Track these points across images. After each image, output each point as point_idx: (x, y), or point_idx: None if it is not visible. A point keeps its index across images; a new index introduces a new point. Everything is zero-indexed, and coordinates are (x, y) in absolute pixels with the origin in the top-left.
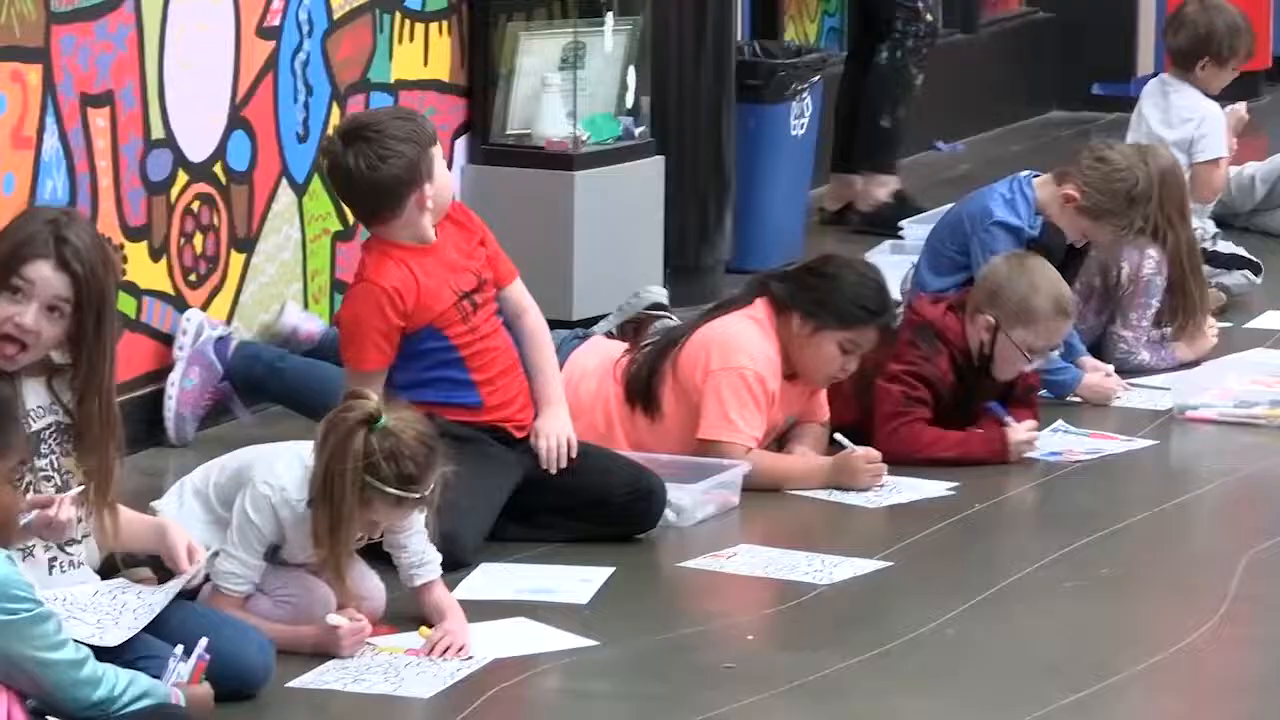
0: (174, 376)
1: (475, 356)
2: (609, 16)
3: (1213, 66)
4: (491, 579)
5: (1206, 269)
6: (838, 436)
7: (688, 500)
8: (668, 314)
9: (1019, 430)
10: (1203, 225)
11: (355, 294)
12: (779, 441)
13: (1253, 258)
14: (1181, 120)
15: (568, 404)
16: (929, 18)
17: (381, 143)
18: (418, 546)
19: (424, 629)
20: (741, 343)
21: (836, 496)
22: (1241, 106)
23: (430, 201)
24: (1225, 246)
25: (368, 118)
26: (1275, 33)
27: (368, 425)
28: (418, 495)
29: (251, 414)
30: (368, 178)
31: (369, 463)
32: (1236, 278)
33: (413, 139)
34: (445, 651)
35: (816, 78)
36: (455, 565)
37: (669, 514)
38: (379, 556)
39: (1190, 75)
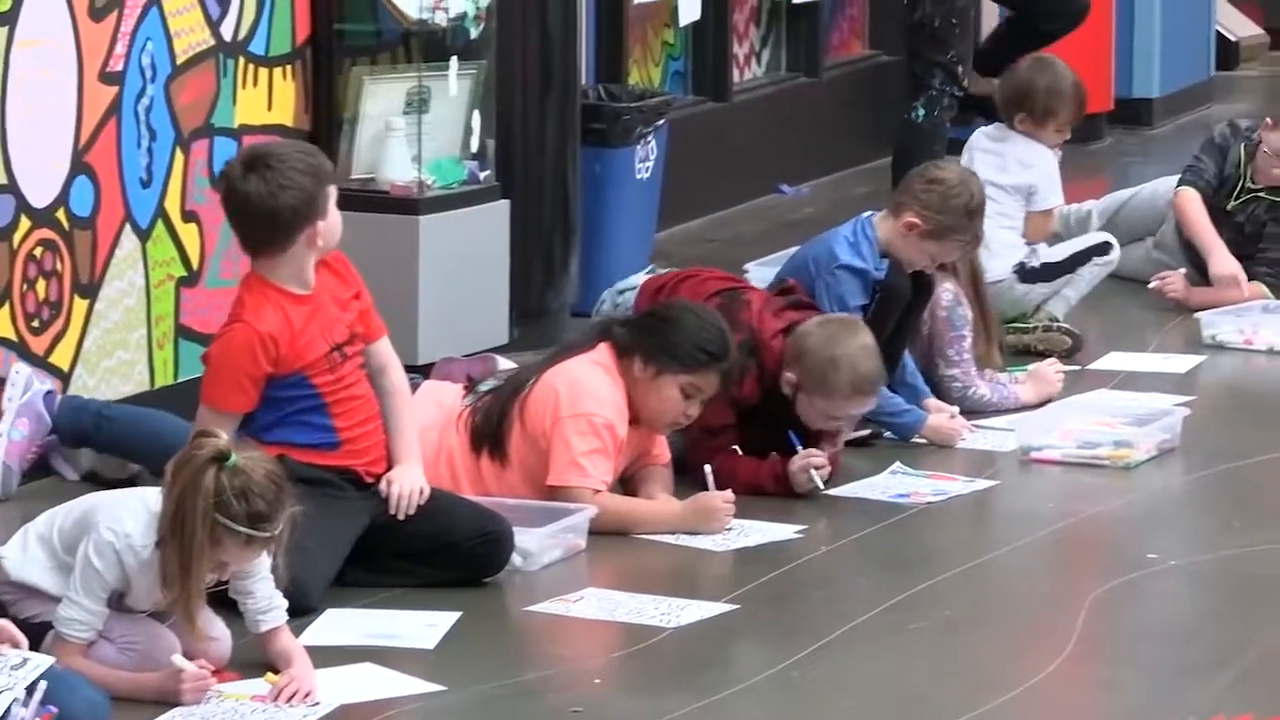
0: (2, 427)
1: (338, 404)
2: (453, 61)
3: (1030, 123)
4: (338, 624)
5: (1045, 288)
6: (705, 470)
7: (534, 544)
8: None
9: (794, 461)
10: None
11: (229, 334)
12: (621, 484)
13: (1098, 239)
14: (1022, 167)
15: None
16: (965, 81)
17: (283, 172)
18: (264, 592)
19: (270, 675)
20: (589, 389)
21: (684, 540)
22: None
23: (321, 240)
24: (1060, 249)
25: (271, 147)
26: (1117, 75)
27: (218, 463)
28: (267, 534)
29: (74, 471)
30: (265, 204)
31: (219, 500)
32: (1089, 273)
33: (313, 173)
34: (291, 698)
35: (661, 121)
36: (302, 611)
37: (515, 558)
38: (225, 604)
39: (1012, 126)
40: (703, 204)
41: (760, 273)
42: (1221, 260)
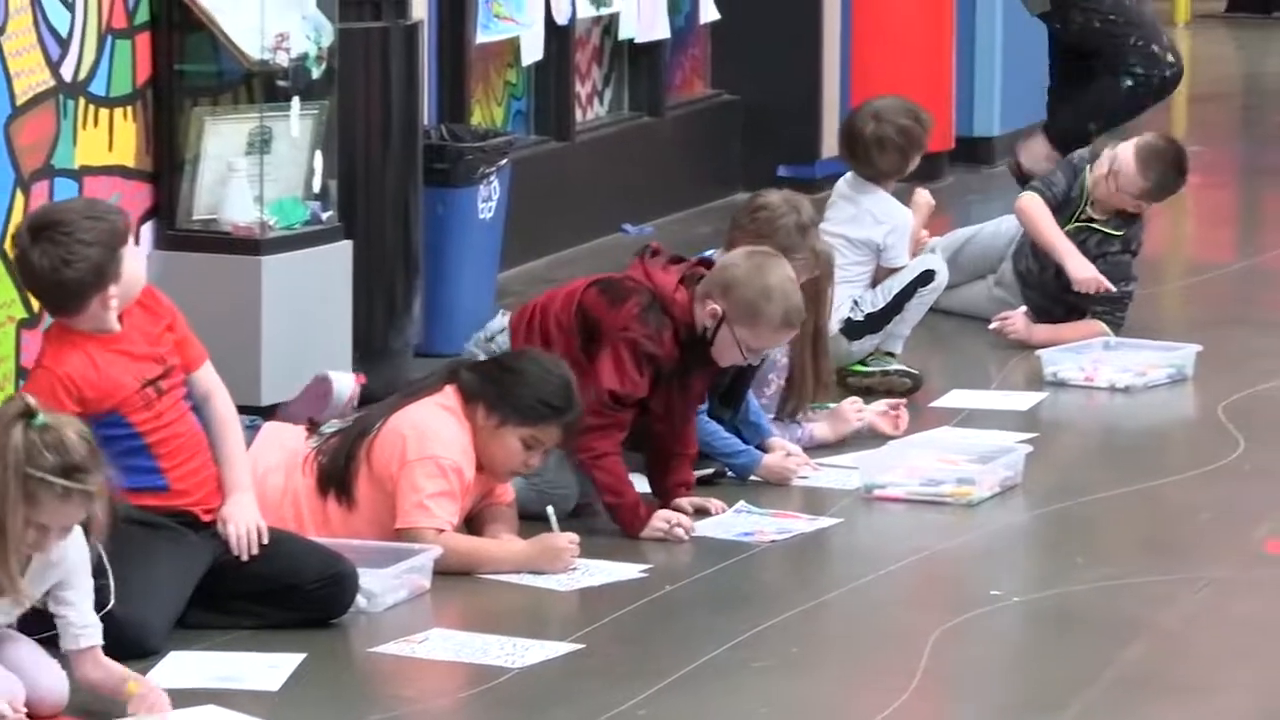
0: None
1: (160, 444)
2: (295, 101)
3: (918, 157)
4: (180, 666)
5: (875, 337)
6: (548, 511)
7: (378, 585)
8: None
9: (659, 516)
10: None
11: (33, 380)
12: (466, 525)
13: (919, 269)
14: (875, 222)
15: (256, 501)
16: (1170, 56)
17: (69, 246)
18: (85, 607)
19: (131, 685)
20: (436, 433)
21: (528, 580)
22: (925, 194)
23: (115, 300)
24: (882, 292)
25: (59, 214)
26: (958, 114)
27: (25, 419)
28: (84, 487)
29: None
30: (51, 278)
31: (30, 454)
32: (917, 305)
33: (101, 241)
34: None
35: (504, 161)
36: (144, 653)
37: (360, 599)
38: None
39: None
40: (546, 243)
41: None
42: (1078, 265)
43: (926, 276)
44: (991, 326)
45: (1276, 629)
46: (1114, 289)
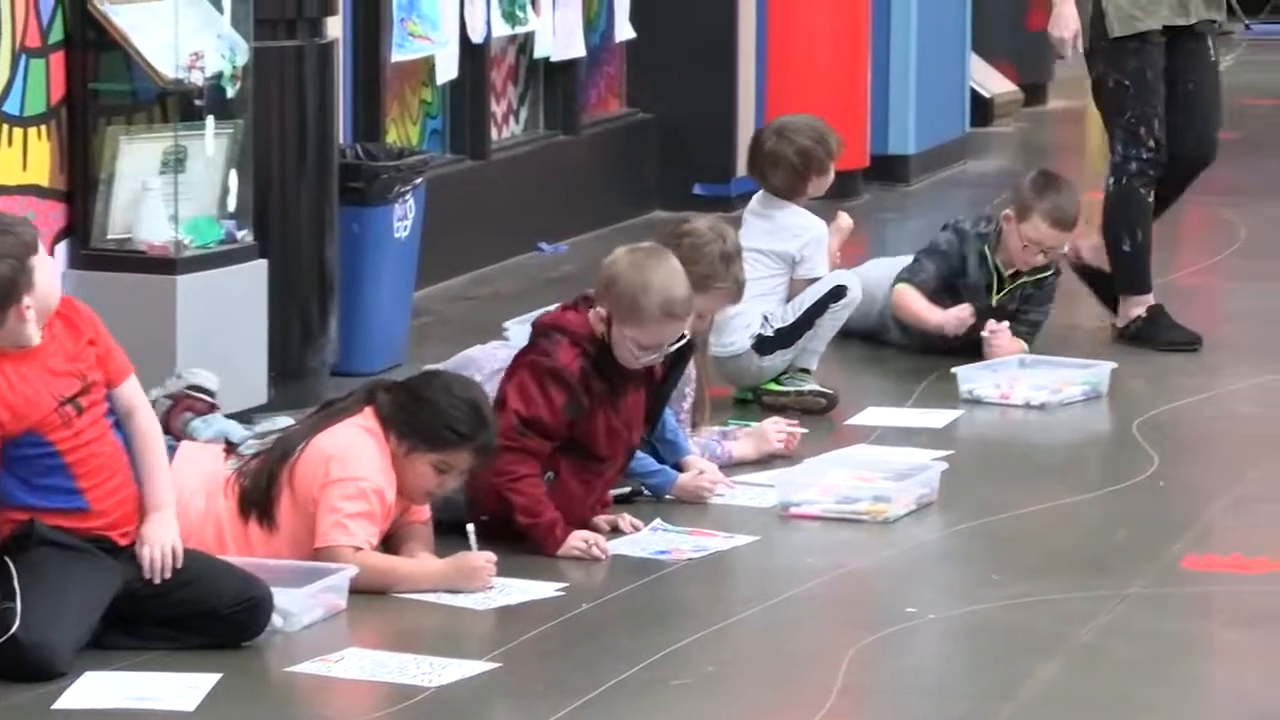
0: None
1: (80, 462)
2: (210, 120)
3: (816, 179)
4: (95, 688)
5: (787, 353)
6: (468, 529)
7: (294, 604)
8: (209, 396)
9: (576, 536)
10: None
11: None
12: (383, 544)
13: (830, 285)
14: (791, 235)
15: (178, 524)
16: (1151, 142)
17: None
18: None
19: None
20: (358, 455)
21: (445, 599)
22: (845, 217)
23: (30, 313)
24: (793, 308)
25: None
26: (873, 132)
27: None
28: None
29: None
30: None
31: None
32: (829, 321)
33: (10, 254)
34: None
35: (419, 180)
36: (49, 675)
37: (276, 619)
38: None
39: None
40: (462, 262)
41: (520, 330)
42: (949, 319)
43: (838, 292)
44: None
45: (1193, 645)
46: (971, 319)
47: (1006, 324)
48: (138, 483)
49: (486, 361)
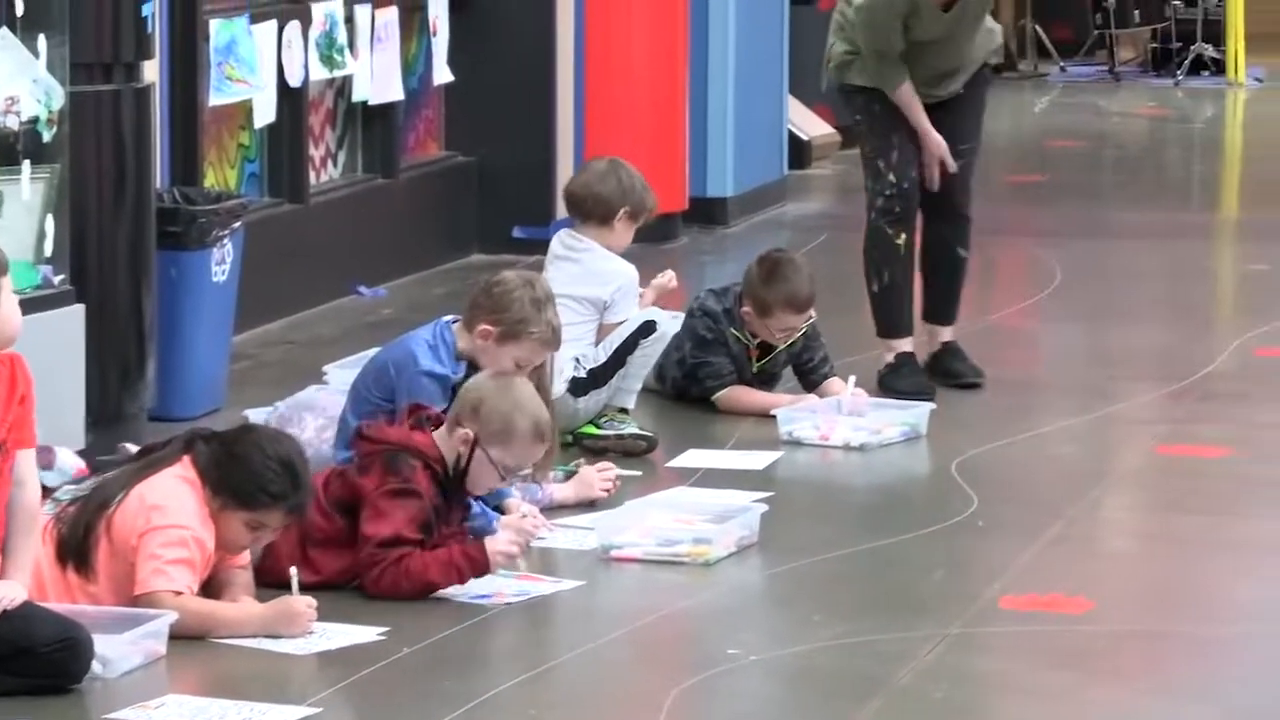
0: None
1: None
2: (26, 164)
3: (626, 221)
4: None
5: (601, 393)
6: (292, 572)
7: (113, 651)
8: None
9: (498, 540)
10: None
11: None
12: (202, 589)
13: (639, 322)
14: (601, 281)
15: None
16: (891, 177)
17: None
18: None
19: None
20: (177, 504)
21: (266, 644)
22: (670, 279)
23: None
24: (605, 348)
25: None
26: (691, 175)
27: None
28: None
29: None
30: None
31: None
32: (641, 358)
33: None
34: None
35: (237, 224)
36: None
37: (95, 665)
38: None
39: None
40: (281, 306)
41: (339, 374)
42: (779, 399)
43: (648, 328)
44: None
45: (1012, 685)
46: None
47: (861, 388)
48: (4, 553)
49: (328, 405)
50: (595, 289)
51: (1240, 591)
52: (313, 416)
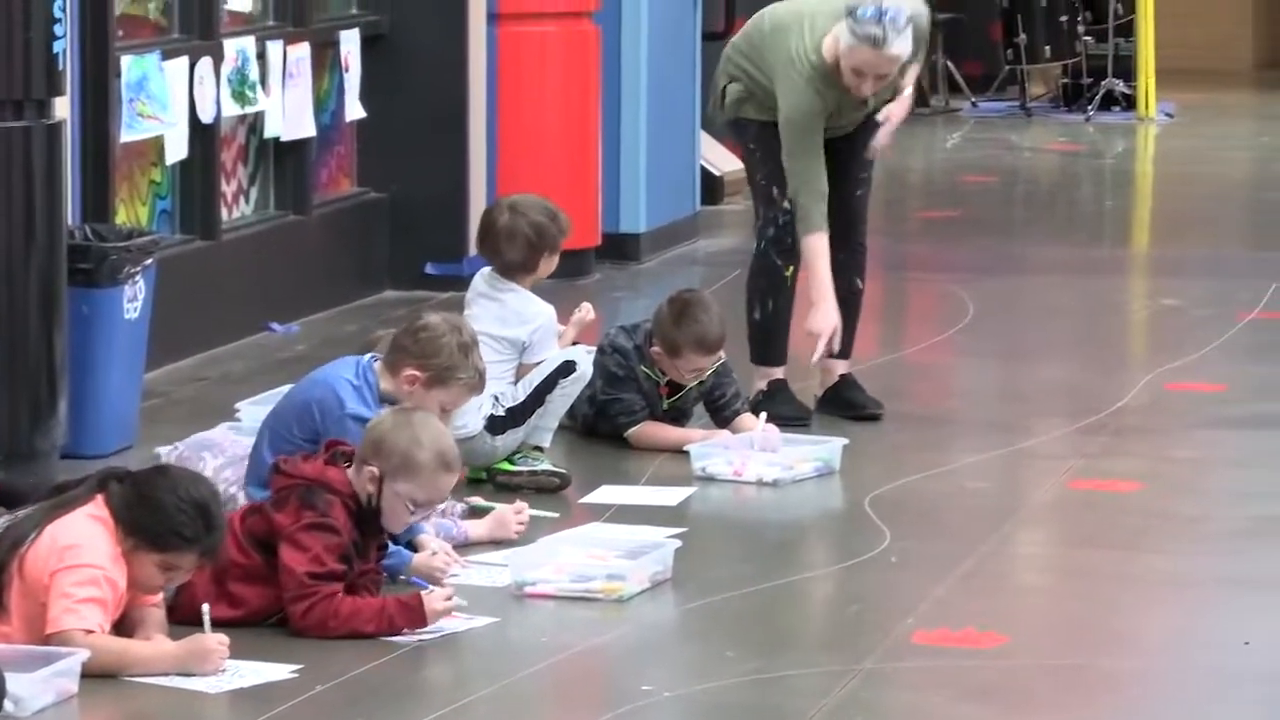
0: None
1: None
2: None
3: (547, 258)
4: None
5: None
6: (204, 609)
7: (24, 689)
8: None
9: (436, 598)
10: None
11: None
12: (115, 627)
13: (558, 361)
14: (520, 321)
15: None
16: (785, 204)
17: None
18: None
19: None
20: (90, 544)
21: (178, 682)
22: (588, 310)
23: None
24: (524, 386)
25: None
26: (604, 211)
27: None
28: None
29: None
30: None
31: None
32: (560, 397)
33: None
34: None
35: (149, 261)
36: None
37: (7, 704)
38: None
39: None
40: (193, 343)
41: (252, 411)
42: (692, 435)
43: (567, 367)
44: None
45: (925, 719)
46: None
47: (773, 424)
48: None
49: (227, 445)
50: (515, 330)
51: (1151, 625)
52: (212, 455)
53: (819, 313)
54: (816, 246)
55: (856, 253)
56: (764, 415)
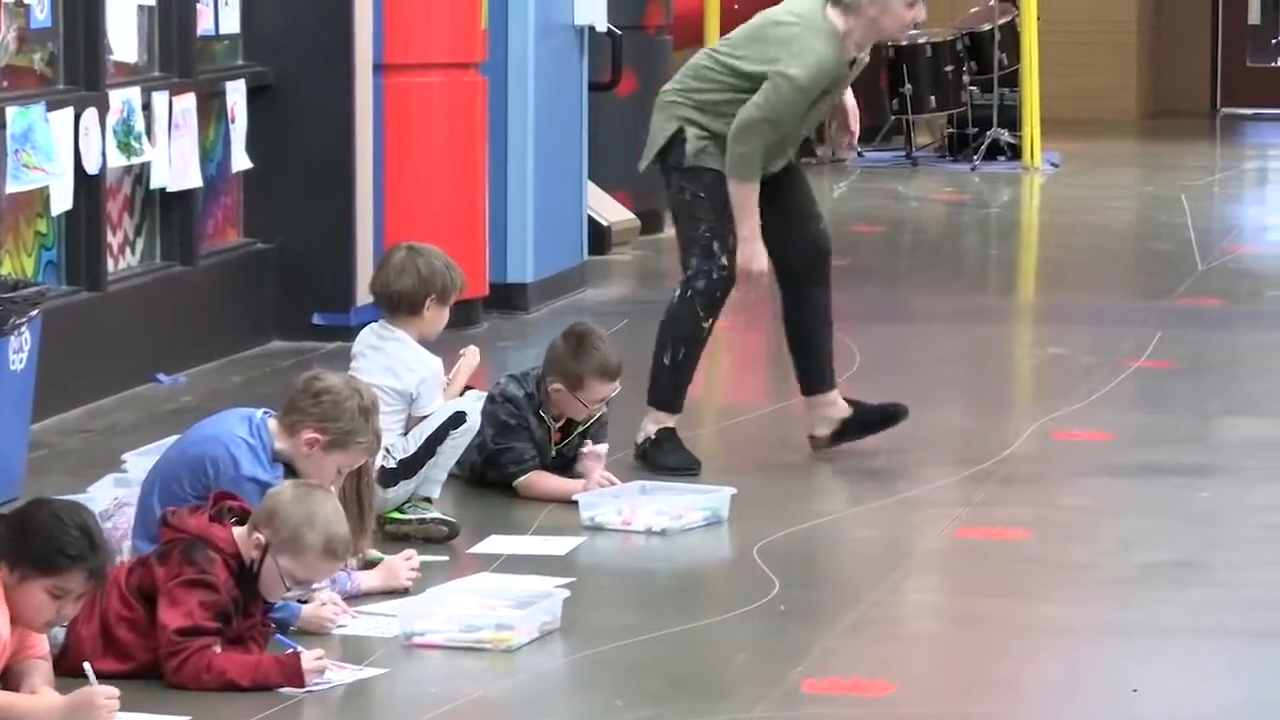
0: None
1: None
2: None
3: (436, 306)
4: None
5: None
6: (85, 666)
7: None
8: None
9: (309, 658)
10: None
11: None
12: (1, 680)
13: (448, 412)
14: (408, 371)
15: None
16: (724, 260)
17: None
18: None
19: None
20: None
21: None
22: (474, 353)
23: None
24: (414, 437)
25: None
26: (492, 261)
27: None
28: None
29: None
30: None
31: None
32: (450, 449)
33: None
34: None
35: (35, 312)
36: None
37: None
38: None
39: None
40: (79, 394)
41: (139, 462)
42: (578, 484)
43: (458, 419)
44: None
45: None
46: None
47: (598, 448)
48: None
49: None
50: (401, 381)
51: (1040, 673)
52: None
53: (753, 249)
54: (747, 195)
55: (829, 279)
56: (589, 442)
